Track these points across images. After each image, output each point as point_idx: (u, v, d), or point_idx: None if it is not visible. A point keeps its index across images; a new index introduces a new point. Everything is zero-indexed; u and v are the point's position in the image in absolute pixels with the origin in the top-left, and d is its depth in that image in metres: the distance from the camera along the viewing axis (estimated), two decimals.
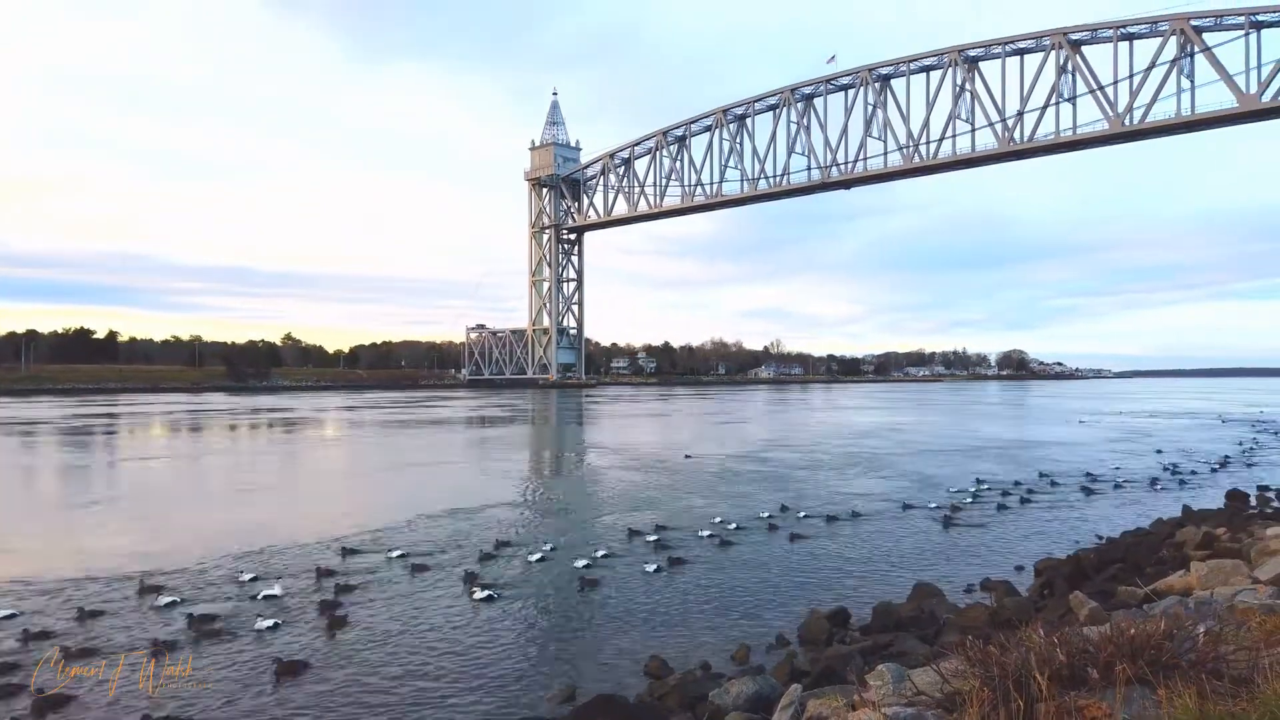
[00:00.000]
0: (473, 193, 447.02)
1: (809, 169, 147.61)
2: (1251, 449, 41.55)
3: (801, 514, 22.52)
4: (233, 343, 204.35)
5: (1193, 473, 31.80)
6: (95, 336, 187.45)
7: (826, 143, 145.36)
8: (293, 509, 24.07)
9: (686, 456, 37.95)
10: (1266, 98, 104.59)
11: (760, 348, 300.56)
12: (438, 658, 11.49)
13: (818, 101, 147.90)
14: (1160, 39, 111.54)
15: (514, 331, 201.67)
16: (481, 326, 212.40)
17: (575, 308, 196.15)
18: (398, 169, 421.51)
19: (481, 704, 9.98)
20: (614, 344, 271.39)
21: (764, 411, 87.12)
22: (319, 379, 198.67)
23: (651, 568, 16.62)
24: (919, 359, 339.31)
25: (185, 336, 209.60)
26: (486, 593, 14.63)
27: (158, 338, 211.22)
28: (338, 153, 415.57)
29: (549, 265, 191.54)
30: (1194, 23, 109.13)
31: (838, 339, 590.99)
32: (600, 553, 17.93)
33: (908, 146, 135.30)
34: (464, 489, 27.38)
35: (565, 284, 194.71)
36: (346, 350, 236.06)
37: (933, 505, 23.86)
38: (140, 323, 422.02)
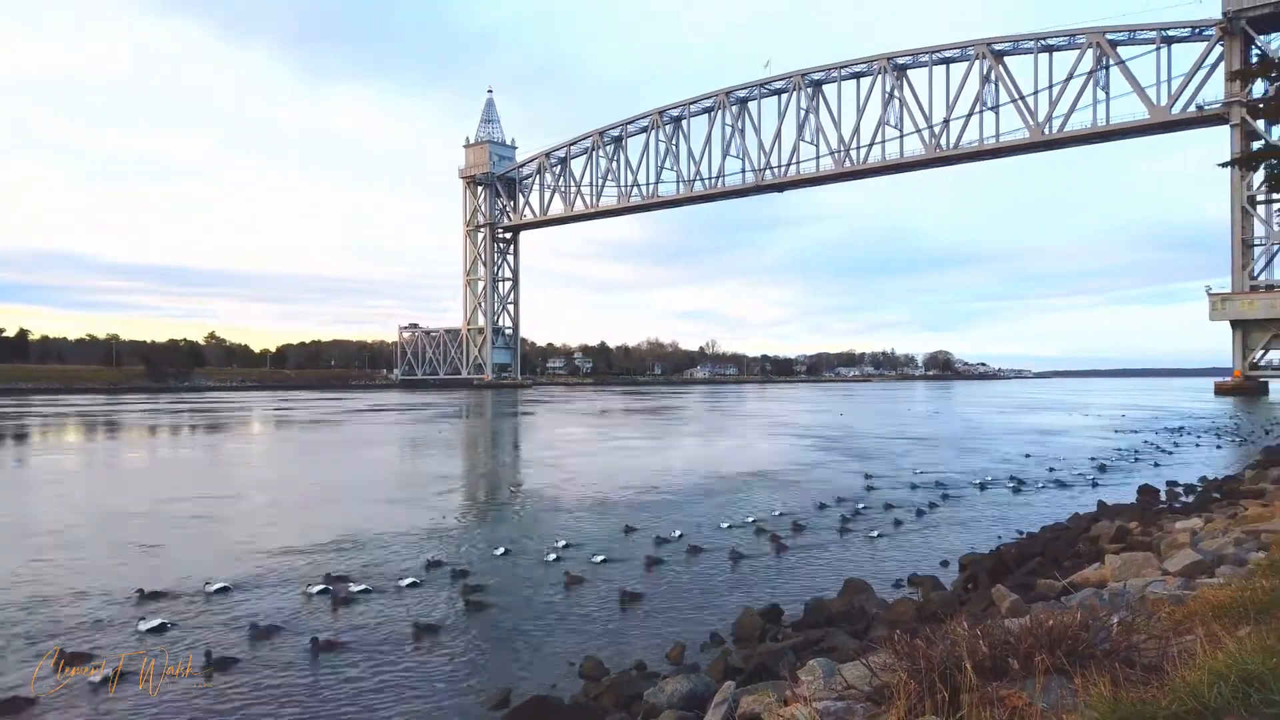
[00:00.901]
0: (406, 191, 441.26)
1: (743, 171, 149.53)
2: (1157, 446, 43.49)
3: (744, 518, 22.73)
4: (152, 341, 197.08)
5: (1103, 468, 33.14)
6: (4, 335, 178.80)
7: (761, 146, 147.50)
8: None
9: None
10: (1175, 110, 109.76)
11: (696, 348, 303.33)
12: (360, 664, 11.26)
13: (752, 105, 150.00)
14: (1078, 51, 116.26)
15: (448, 331, 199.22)
16: (414, 326, 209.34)
17: (511, 307, 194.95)
18: (335, 171, 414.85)
19: (414, 709, 9.82)
20: (550, 344, 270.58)
21: (698, 413, 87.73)
22: (244, 379, 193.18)
23: (586, 569, 16.59)
24: (850, 359, 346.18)
25: (101, 335, 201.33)
26: (415, 596, 14.41)
27: (72, 336, 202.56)
28: (280, 160, 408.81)
29: (484, 264, 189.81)
30: (1109, 36, 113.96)
31: (771, 340, 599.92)
32: (538, 556, 17.82)
33: (839, 151, 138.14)
34: (390, 487, 26.94)
35: (501, 283, 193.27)
36: (274, 350, 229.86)
37: (861, 505, 24.33)
38: (54, 321, 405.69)
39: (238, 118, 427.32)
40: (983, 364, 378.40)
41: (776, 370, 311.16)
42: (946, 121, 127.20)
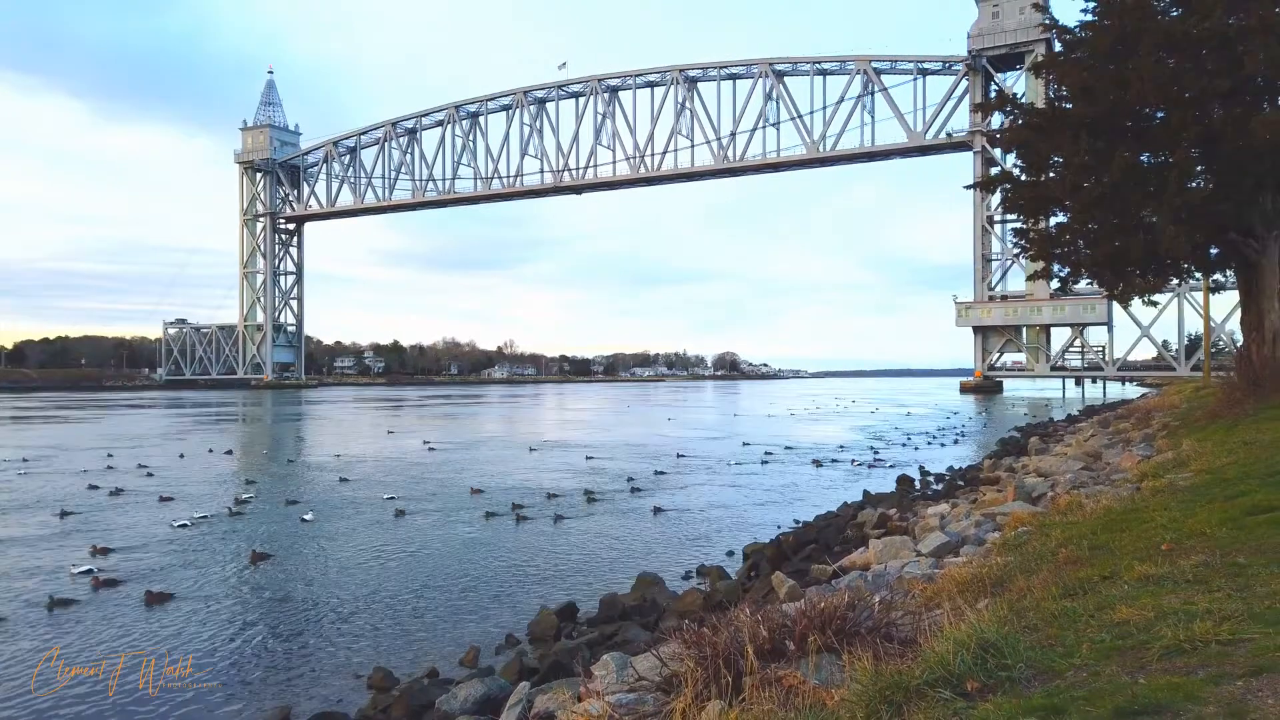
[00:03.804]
0: (172, 174, 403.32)
1: (542, 172, 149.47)
2: (911, 436, 48.19)
3: (522, 509, 22.70)
4: None
5: (875, 458, 36.23)
6: None
7: (559, 147, 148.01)
8: None
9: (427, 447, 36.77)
10: (929, 136, 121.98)
11: (494, 348, 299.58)
12: (129, 678, 10.18)
13: (550, 106, 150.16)
14: (849, 77, 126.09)
15: (222, 328, 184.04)
16: (182, 322, 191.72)
17: (295, 303, 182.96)
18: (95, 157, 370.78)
19: None
20: (338, 342, 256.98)
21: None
22: None
23: (374, 572, 15.94)
24: (644, 360, 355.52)
25: None
26: (181, 604, 13.22)
27: None
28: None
29: (264, 256, 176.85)
30: (875, 65, 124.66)
31: (569, 340, 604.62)
32: (315, 562, 16.89)
33: (634, 157, 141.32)
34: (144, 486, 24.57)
35: (283, 277, 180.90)
36: (9, 346, 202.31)
37: (647, 494, 25.07)
38: None
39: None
40: (765, 364, 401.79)
41: (575, 370, 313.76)
42: (733, 134, 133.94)
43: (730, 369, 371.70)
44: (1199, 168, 20.75)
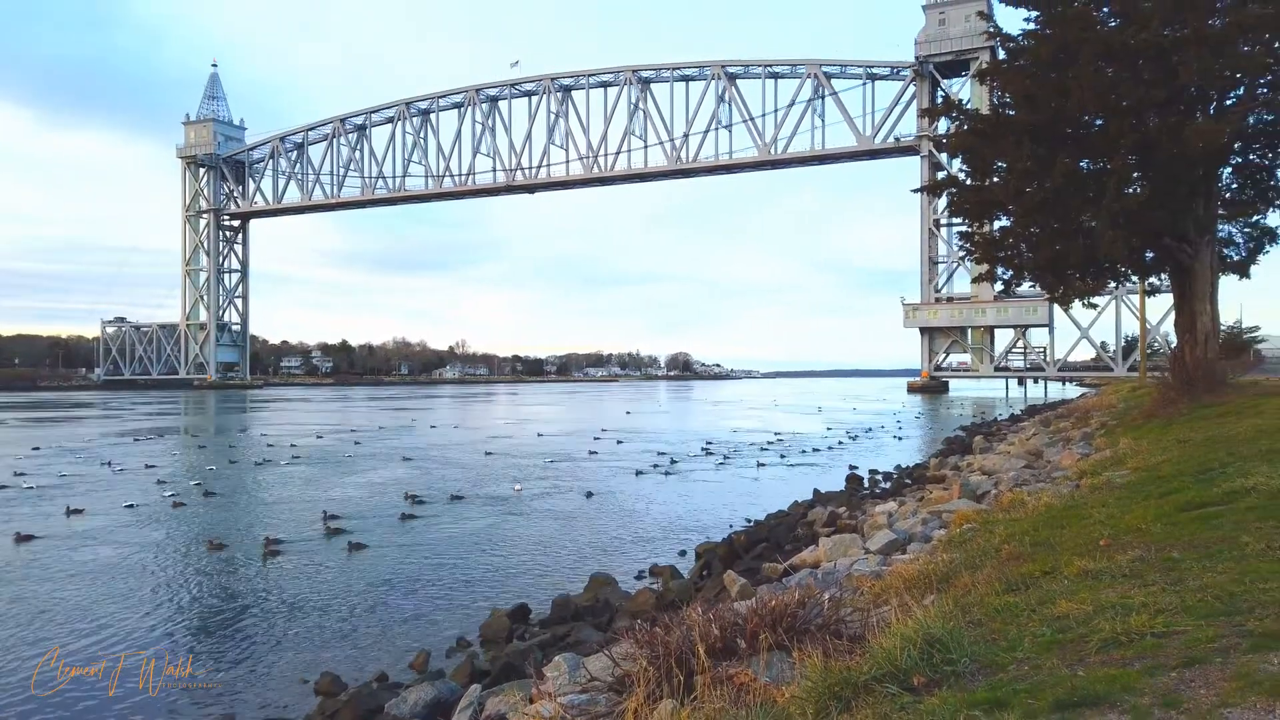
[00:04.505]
0: (117, 174, 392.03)
1: (494, 171, 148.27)
2: (857, 435, 48.95)
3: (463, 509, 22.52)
4: None
5: (811, 451, 36.69)
6: None
7: (512, 146, 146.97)
8: None
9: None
10: (878, 140, 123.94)
11: (445, 347, 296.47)
12: (61, 692, 9.85)
13: (502, 104, 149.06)
14: (799, 80, 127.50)
15: (163, 326, 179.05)
16: (121, 320, 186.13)
17: (240, 302, 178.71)
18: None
19: None
20: (285, 342, 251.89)
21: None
22: None
23: (320, 577, 15.66)
24: (598, 360, 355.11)
25: None
26: (124, 609, 12.84)
27: None
28: None
29: (207, 254, 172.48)
30: (825, 69, 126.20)
31: (521, 340, 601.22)
32: (261, 568, 16.54)
33: (587, 157, 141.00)
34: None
35: (227, 275, 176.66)
36: None
37: (600, 494, 25.06)
38: None
39: None
40: (718, 365, 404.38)
41: (528, 370, 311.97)
42: (686, 136, 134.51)
43: (683, 370, 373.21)
44: (1136, 174, 21.44)
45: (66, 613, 13.54)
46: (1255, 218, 23.78)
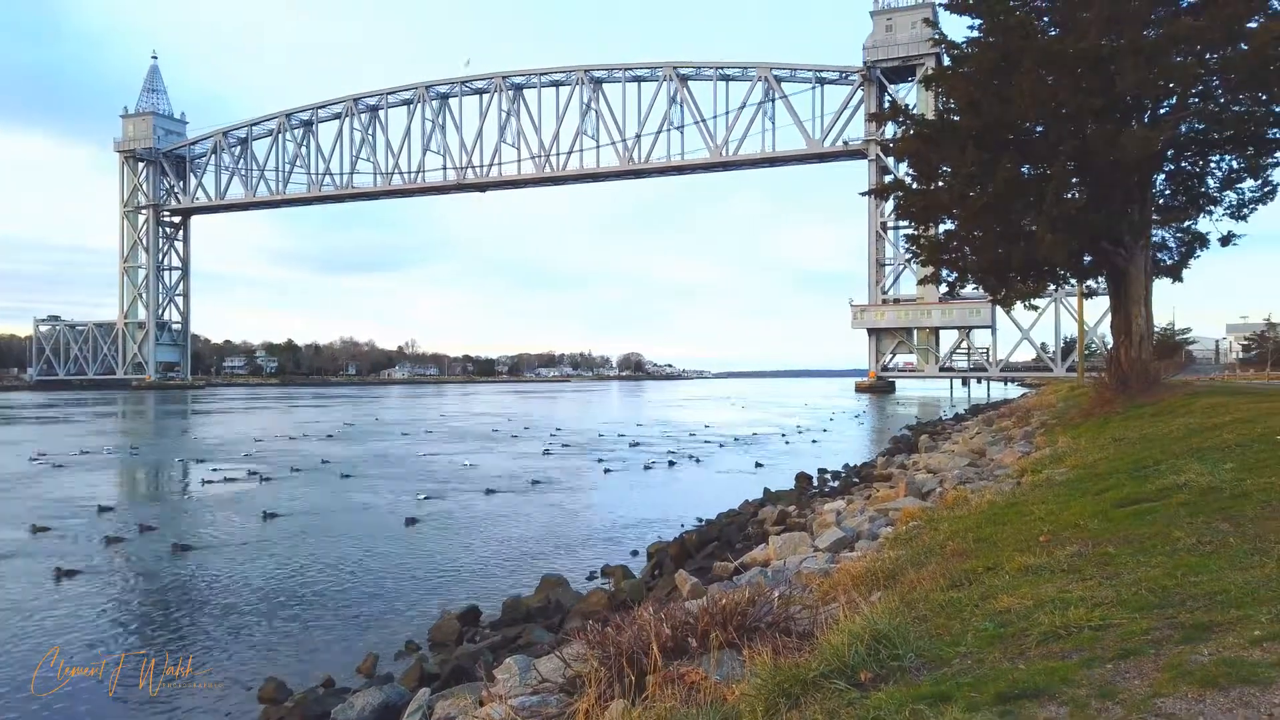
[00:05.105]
0: (54, 173, 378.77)
1: (444, 169, 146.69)
2: (808, 432, 49.57)
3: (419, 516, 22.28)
4: None
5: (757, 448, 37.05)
6: None
7: (463, 145, 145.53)
8: None
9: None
10: (827, 143, 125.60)
11: (394, 347, 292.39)
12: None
13: (453, 102, 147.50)
14: (750, 83, 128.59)
15: (100, 325, 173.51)
16: (55, 319, 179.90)
17: (180, 300, 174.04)
18: None
19: None
20: (227, 341, 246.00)
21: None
22: None
23: (261, 580, 15.33)
24: (550, 360, 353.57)
25: None
26: (56, 616, 12.40)
27: None
28: None
29: (146, 250, 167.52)
30: (775, 72, 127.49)
31: (472, 340, 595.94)
32: (199, 573, 16.14)
33: (539, 156, 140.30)
34: None
35: (168, 273, 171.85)
36: None
37: (552, 494, 24.98)
38: None
39: None
40: (670, 365, 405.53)
41: (479, 370, 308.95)
42: (638, 136, 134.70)
43: (635, 370, 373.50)
44: (1074, 180, 22.05)
45: None
46: (1187, 223, 24.59)
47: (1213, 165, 23.33)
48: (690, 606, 6.35)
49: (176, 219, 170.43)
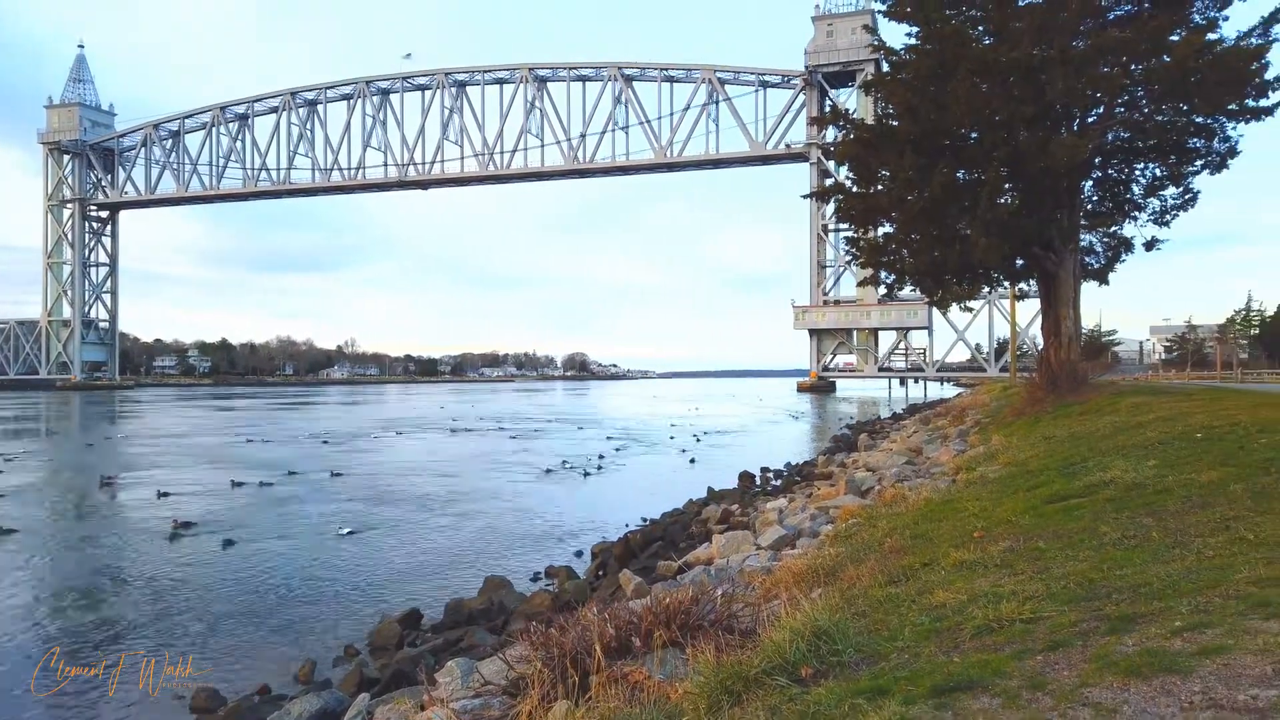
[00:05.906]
0: None
1: (385, 165, 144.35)
2: (758, 430, 50.16)
3: (347, 528, 21.90)
4: None
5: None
6: None
7: (404, 141, 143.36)
8: None
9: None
10: (770, 146, 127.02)
11: (334, 346, 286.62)
12: None
13: (394, 98, 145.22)
14: (694, 85, 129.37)
15: (21, 323, 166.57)
16: None
17: (107, 297, 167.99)
18: None
19: None
20: (158, 340, 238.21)
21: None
22: None
23: (192, 585, 14.89)
24: (494, 360, 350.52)
25: None
26: None
27: None
28: None
29: (71, 246, 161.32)
30: (719, 75, 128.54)
31: (414, 340, 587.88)
32: (126, 578, 15.62)
33: (483, 154, 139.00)
34: None
35: (94, 269, 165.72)
36: None
37: (496, 496, 24.78)
38: None
39: None
40: (615, 365, 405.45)
41: (421, 370, 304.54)
42: (583, 136, 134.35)
43: (580, 370, 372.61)
44: (1007, 186, 22.67)
45: None
46: (1113, 228, 25.49)
47: (1138, 173, 24.25)
48: (634, 606, 6.36)
49: (104, 214, 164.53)
